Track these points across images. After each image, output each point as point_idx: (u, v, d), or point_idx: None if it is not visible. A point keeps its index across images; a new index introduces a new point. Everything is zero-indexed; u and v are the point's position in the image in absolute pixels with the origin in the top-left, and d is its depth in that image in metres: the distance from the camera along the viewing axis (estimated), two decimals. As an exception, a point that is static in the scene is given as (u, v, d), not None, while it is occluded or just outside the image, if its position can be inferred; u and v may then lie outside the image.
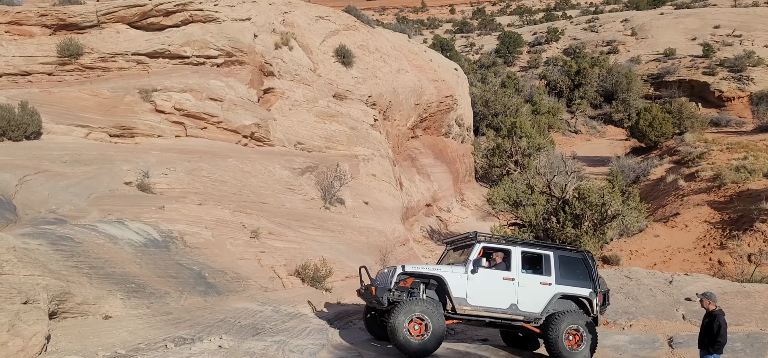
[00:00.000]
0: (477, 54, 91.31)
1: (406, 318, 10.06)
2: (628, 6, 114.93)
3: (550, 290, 10.97)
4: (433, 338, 10.15)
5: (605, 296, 11.41)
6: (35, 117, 17.73)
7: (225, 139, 21.37)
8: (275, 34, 26.19)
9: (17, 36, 21.49)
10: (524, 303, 10.85)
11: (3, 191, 13.03)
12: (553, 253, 11.24)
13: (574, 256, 11.43)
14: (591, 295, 11.02)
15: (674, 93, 60.80)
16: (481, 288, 10.76)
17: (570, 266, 11.21)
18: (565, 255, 11.36)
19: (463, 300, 10.69)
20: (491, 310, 10.82)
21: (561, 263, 11.13)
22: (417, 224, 29.99)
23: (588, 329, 10.71)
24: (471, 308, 10.74)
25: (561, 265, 11.11)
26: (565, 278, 11.08)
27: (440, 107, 37.56)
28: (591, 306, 11.04)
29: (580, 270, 11.22)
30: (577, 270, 11.21)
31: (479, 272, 10.79)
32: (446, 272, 10.85)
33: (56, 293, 8.83)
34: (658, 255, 27.26)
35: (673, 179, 36.71)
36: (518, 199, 27.31)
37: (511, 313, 10.84)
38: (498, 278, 10.95)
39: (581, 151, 52.44)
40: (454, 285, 10.72)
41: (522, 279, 10.96)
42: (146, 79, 21.50)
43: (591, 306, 11.04)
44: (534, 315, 10.88)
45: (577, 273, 11.19)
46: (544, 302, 10.91)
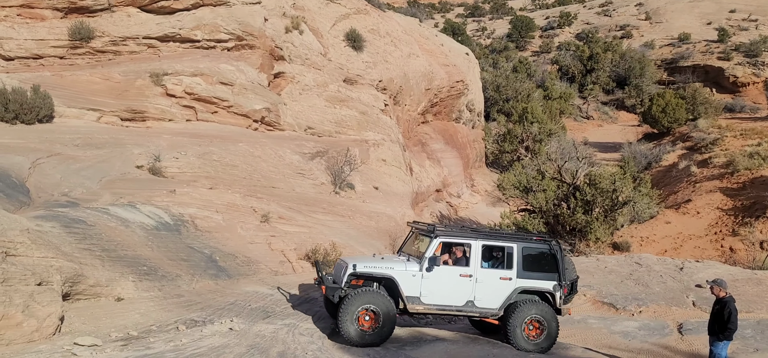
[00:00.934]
0: (488, 38, 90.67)
1: (354, 313, 9.84)
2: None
3: (510, 285, 10.65)
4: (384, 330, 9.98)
5: (572, 286, 11.10)
6: (47, 100, 17.86)
7: (235, 124, 21.43)
8: (286, 18, 26.14)
9: (29, 19, 21.59)
10: (481, 300, 10.57)
11: (16, 173, 13.16)
12: (516, 246, 10.80)
13: (539, 248, 10.97)
14: (555, 288, 10.71)
15: (688, 78, 60.10)
16: (436, 287, 10.42)
17: (535, 259, 10.83)
18: (530, 247, 10.91)
19: (416, 299, 10.36)
20: (445, 308, 10.55)
21: (525, 257, 10.75)
22: (427, 210, 29.99)
23: (548, 320, 10.53)
24: (424, 306, 10.44)
25: (525, 258, 10.75)
26: (529, 271, 10.74)
27: (451, 92, 37.40)
28: (554, 298, 10.75)
29: (545, 262, 10.83)
30: (542, 262, 10.83)
31: (434, 270, 10.42)
32: (398, 273, 10.40)
33: (69, 275, 8.94)
34: (669, 242, 27.12)
35: (686, 166, 36.41)
36: (529, 185, 27.20)
37: (467, 310, 10.61)
38: (454, 275, 10.59)
39: (593, 137, 52.11)
40: (407, 285, 10.38)
41: (480, 275, 10.61)
42: (157, 62, 21.56)
43: (554, 298, 10.75)
44: (491, 311, 10.63)
45: (542, 265, 10.81)
46: (504, 297, 10.62)
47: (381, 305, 10.01)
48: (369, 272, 10.46)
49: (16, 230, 8.54)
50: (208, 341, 8.69)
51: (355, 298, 9.99)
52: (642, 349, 11.27)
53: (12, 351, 7.26)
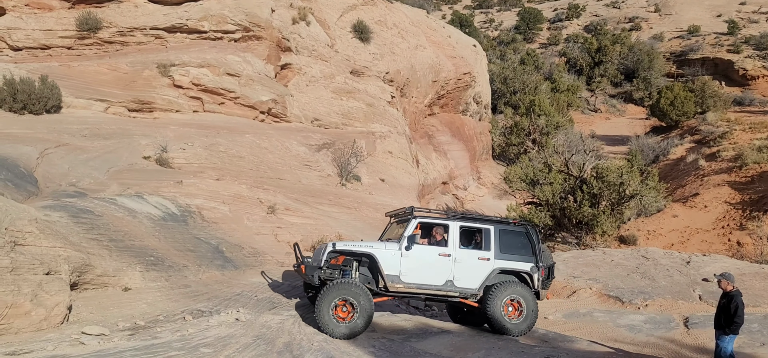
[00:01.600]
0: (496, 30, 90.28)
1: (330, 304, 9.81)
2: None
3: (488, 265, 10.73)
4: (361, 321, 9.90)
5: (549, 270, 11.14)
6: (55, 91, 17.94)
7: (242, 115, 21.46)
8: (292, 9, 26.10)
9: (37, 9, 21.65)
10: (461, 279, 10.63)
11: (25, 163, 13.24)
12: (493, 227, 10.92)
13: (516, 230, 11.09)
14: (532, 269, 10.80)
15: (697, 71, 59.69)
16: (415, 265, 10.47)
17: (511, 241, 10.91)
18: (507, 229, 11.01)
19: (395, 278, 10.41)
20: (425, 287, 10.55)
21: (502, 238, 10.84)
22: (433, 202, 29.98)
23: (528, 301, 10.57)
24: (404, 285, 10.46)
25: (501, 239, 10.83)
26: (506, 252, 10.81)
27: (458, 84, 37.30)
28: (532, 280, 10.82)
29: (522, 244, 10.92)
30: (519, 244, 10.91)
31: (414, 249, 10.49)
32: (378, 250, 10.52)
33: (77, 264, 9.00)
34: (676, 235, 27.03)
35: (694, 159, 36.22)
36: (535, 177, 27.14)
37: (446, 289, 10.63)
38: (433, 255, 10.65)
39: (600, 130, 51.88)
40: (386, 263, 10.42)
41: (459, 255, 10.69)
42: (164, 53, 21.60)
43: (532, 280, 10.82)
44: (471, 291, 10.69)
45: (519, 247, 10.90)
46: (482, 277, 10.70)
47: (358, 296, 9.95)
48: (349, 250, 10.57)
49: (24, 219, 8.60)
50: (214, 332, 8.74)
51: (333, 288, 9.97)
52: (648, 343, 11.25)
53: (20, 340, 7.33)
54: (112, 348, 7.46)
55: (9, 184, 11.62)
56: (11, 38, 20.81)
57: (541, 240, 11.16)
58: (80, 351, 7.25)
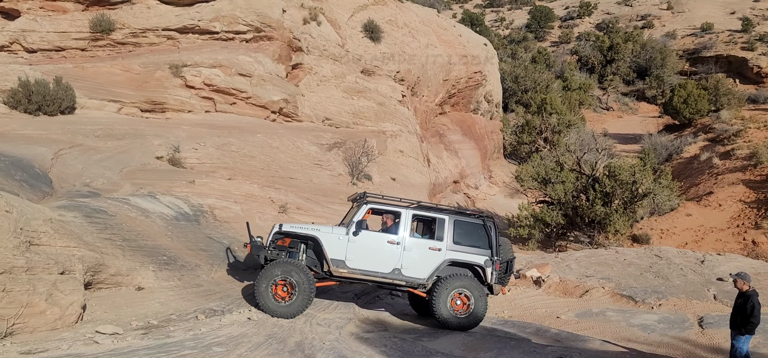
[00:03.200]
0: (507, 29, 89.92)
1: (268, 283, 9.82)
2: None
3: (439, 255, 10.53)
4: (299, 301, 9.87)
5: (507, 265, 10.92)
6: (69, 92, 18.11)
7: (253, 115, 21.54)
8: (303, 9, 26.14)
9: (51, 12, 21.86)
10: (409, 268, 10.45)
11: (39, 164, 13.37)
12: (448, 217, 10.69)
13: (472, 221, 10.81)
14: (486, 263, 10.56)
15: (711, 69, 59.07)
16: (362, 251, 10.35)
17: (467, 233, 10.67)
18: (462, 220, 10.77)
19: (340, 262, 10.31)
20: (371, 273, 10.42)
21: (456, 229, 10.62)
22: (444, 201, 29.93)
23: (476, 296, 10.36)
24: (348, 270, 10.36)
25: (456, 230, 10.61)
26: (460, 244, 10.60)
27: (469, 83, 37.20)
28: (485, 274, 10.60)
29: (478, 236, 10.67)
30: (474, 236, 10.66)
31: (361, 235, 10.39)
32: (324, 234, 10.41)
33: (91, 264, 9.07)
34: (689, 234, 26.80)
35: (708, 157, 35.89)
36: (547, 176, 27.03)
37: (392, 277, 10.47)
38: (382, 241, 10.52)
39: (612, 128, 51.53)
40: (332, 247, 10.32)
41: (409, 243, 10.52)
42: (176, 54, 21.72)
43: (485, 274, 10.60)
44: (418, 281, 10.50)
45: (475, 240, 10.65)
46: (432, 267, 10.50)
47: (298, 277, 9.89)
48: (294, 231, 10.52)
49: (39, 219, 8.68)
50: (226, 331, 8.78)
51: (273, 267, 9.95)
52: (661, 342, 11.16)
53: (36, 338, 7.40)
54: (125, 347, 7.52)
55: (24, 184, 11.74)
56: (26, 40, 21.03)
57: (498, 233, 10.91)
58: (94, 350, 7.31)
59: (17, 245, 7.68)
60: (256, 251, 10.42)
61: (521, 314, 13.21)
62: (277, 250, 10.49)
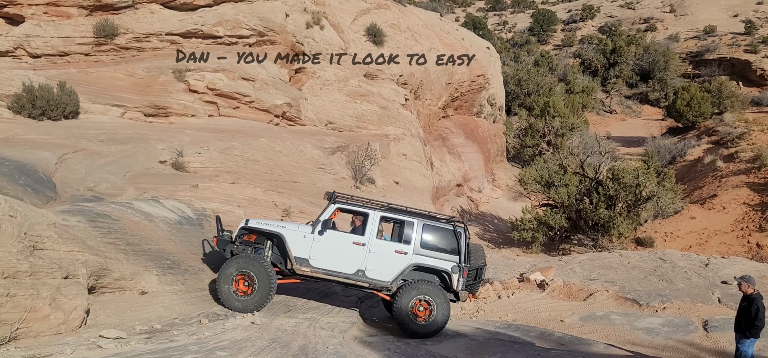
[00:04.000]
0: (510, 32, 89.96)
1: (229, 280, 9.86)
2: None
3: (405, 259, 10.36)
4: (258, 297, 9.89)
5: (477, 272, 10.72)
6: (73, 97, 18.16)
7: (257, 119, 21.57)
8: (306, 14, 26.20)
9: (55, 17, 21.94)
10: (373, 270, 10.30)
11: (43, 169, 13.40)
12: (416, 221, 10.49)
13: (441, 226, 10.59)
14: (453, 269, 10.33)
15: (714, 72, 58.99)
16: (327, 250, 10.28)
17: (435, 238, 10.48)
18: (431, 224, 10.57)
19: (304, 261, 10.26)
20: (334, 273, 10.32)
21: (425, 233, 10.43)
22: (448, 204, 29.90)
23: (439, 302, 10.15)
24: (311, 269, 10.29)
25: (424, 235, 10.43)
26: (428, 248, 10.41)
27: (472, 87, 37.21)
28: (451, 280, 10.38)
29: (447, 242, 10.45)
30: (443, 242, 10.45)
31: (327, 234, 10.32)
32: (289, 231, 10.38)
33: (95, 268, 9.08)
34: (694, 237, 26.72)
35: (711, 160, 35.79)
36: (550, 179, 27.00)
37: (356, 278, 10.34)
38: (347, 242, 10.42)
39: (616, 131, 51.46)
40: (296, 245, 10.28)
41: (374, 245, 10.37)
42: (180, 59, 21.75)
43: (451, 280, 10.38)
44: (382, 283, 10.35)
45: (444, 245, 10.44)
46: (397, 271, 10.34)
47: (258, 272, 9.88)
48: (259, 228, 10.49)
49: (43, 224, 8.70)
50: (230, 335, 8.77)
51: (234, 261, 9.97)
52: (666, 346, 11.12)
53: (39, 343, 7.40)
54: (129, 351, 7.52)
55: (28, 189, 11.76)
56: (30, 46, 21.10)
57: (469, 239, 10.73)
58: (98, 354, 7.31)
59: (21, 250, 7.69)
60: (221, 245, 10.44)
61: (525, 318, 13.18)
62: (244, 245, 10.49)
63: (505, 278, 16.35)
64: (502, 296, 15.05)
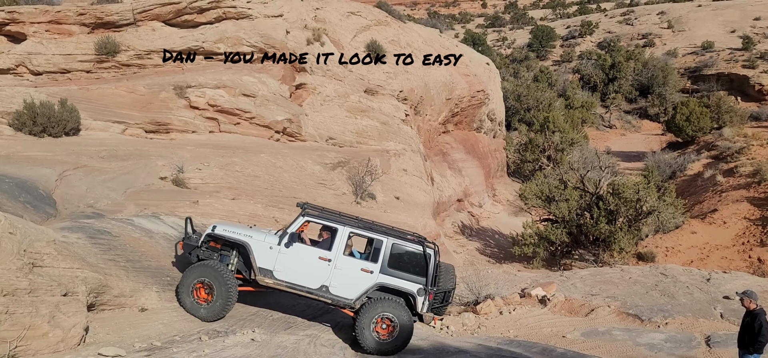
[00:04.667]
0: (509, 48, 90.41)
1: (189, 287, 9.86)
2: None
3: (370, 278, 10.17)
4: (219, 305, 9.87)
5: (445, 295, 10.47)
6: (74, 114, 18.21)
7: (257, 135, 21.61)
8: (307, 30, 26.34)
9: (57, 35, 22.06)
10: (337, 287, 10.16)
11: (44, 185, 13.40)
12: (386, 241, 10.27)
13: (411, 248, 10.32)
14: (419, 292, 10.11)
15: (712, 87, 59.21)
16: (292, 263, 10.17)
17: (404, 258, 10.26)
18: (401, 245, 10.29)
19: (268, 272, 10.17)
20: (297, 287, 10.22)
21: (393, 254, 10.22)
22: (448, 219, 29.87)
23: (403, 323, 9.96)
24: (274, 281, 10.18)
25: (393, 255, 10.21)
26: (395, 268, 10.20)
27: (472, 102, 37.31)
28: (415, 302, 10.14)
29: (415, 263, 10.22)
30: (412, 263, 10.22)
31: (294, 247, 10.22)
32: (255, 241, 10.25)
33: (94, 285, 9.04)
34: (695, 252, 26.65)
35: (711, 175, 35.80)
36: (551, 194, 26.99)
37: (319, 294, 10.22)
38: (313, 256, 10.25)
39: (616, 146, 51.54)
40: (261, 256, 10.16)
41: (340, 262, 10.20)
42: (181, 75, 21.86)
43: (415, 302, 10.14)
44: (346, 301, 10.21)
45: (412, 266, 10.21)
46: (361, 289, 10.17)
47: (218, 280, 9.82)
48: (225, 236, 10.37)
49: (43, 241, 8.68)
50: (230, 352, 8.72)
51: (195, 268, 9.93)
52: (669, 362, 11.06)
53: (39, 361, 7.35)
54: (128, 369, 7.47)
55: (28, 206, 11.75)
56: (32, 63, 21.20)
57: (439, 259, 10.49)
58: (97, 372, 7.26)
59: (20, 267, 7.67)
60: (188, 249, 10.39)
61: (527, 334, 13.11)
62: (210, 251, 10.44)
63: (507, 294, 16.28)
64: (503, 312, 14.98)
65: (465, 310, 15.49)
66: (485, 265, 24.42)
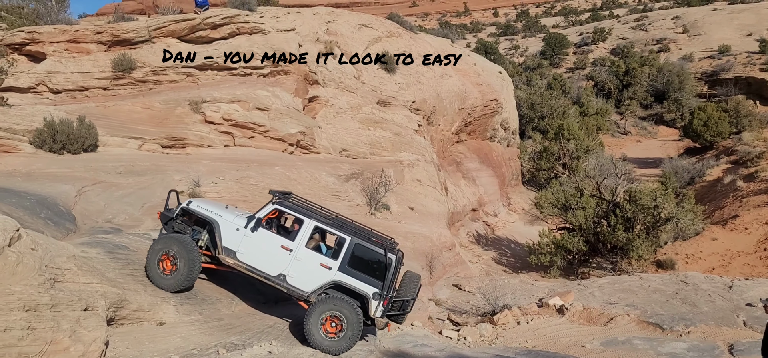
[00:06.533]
0: (522, 56, 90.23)
1: (156, 257, 10.20)
2: (678, 3, 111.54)
3: (327, 274, 10.25)
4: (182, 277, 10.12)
5: (403, 304, 10.37)
6: (92, 130, 18.44)
7: (272, 148, 21.72)
8: (319, 44, 26.51)
9: (75, 53, 22.42)
10: (294, 277, 10.32)
11: (63, 202, 13.56)
12: (349, 239, 10.30)
13: (373, 250, 10.28)
14: (374, 295, 10.07)
15: (730, 91, 58.56)
16: (255, 248, 10.37)
17: (364, 260, 10.23)
18: (364, 246, 10.29)
19: (231, 252, 10.40)
20: (256, 271, 10.41)
21: (355, 253, 10.24)
22: (463, 229, 29.75)
23: (352, 323, 9.90)
24: (235, 261, 10.42)
25: (354, 255, 10.23)
26: (354, 268, 10.20)
27: (485, 111, 37.24)
28: (368, 306, 10.13)
29: (375, 267, 10.20)
30: (372, 266, 10.20)
31: (259, 232, 10.41)
32: (223, 221, 10.53)
33: (113, 300, 9.12)
34: (716, 259, 26.26)
35: (731, 180, 35.32)
36: (567, 202, 26.79)
37: (276, 281, 10.41)
38: (275, 244, 10.42)
39: (631, 152, 51.08)
40: (227, 237, 10.42)
41: (301, 254, 10.35)
42: (196, 90, 22.07)
43: (368, 306, 10.13)
44: (300, 293, 10.33)
45: (371, 269, 10.20)
46: (317, 284, 10.25)
47: (182, 253, 10.09)
48: (195, 211, 10.73)
49: (63, 256, 8.77)
50: (248, 365, 8.73)
51: (161, 240, 10.24)
52: (691, 371, 10.87)
53: (59, 375, 7.41)
54: (148, 383, 7.50)
55: (49, 222, 11.90)
56: (51, 82, 21.55)
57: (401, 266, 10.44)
58: (117, 386, 7.30)
59: (42, 283, 7.75)
60: (164, 219, 10.79)
61: (545, 344, 12.98)
62: (185, 224, 10.80)
63: (524, 304, 16.15)
64: (521, 322, 14.85)
65: (482, 320, 15.39)
66: (501, 275, 24.26)
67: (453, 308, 17.20)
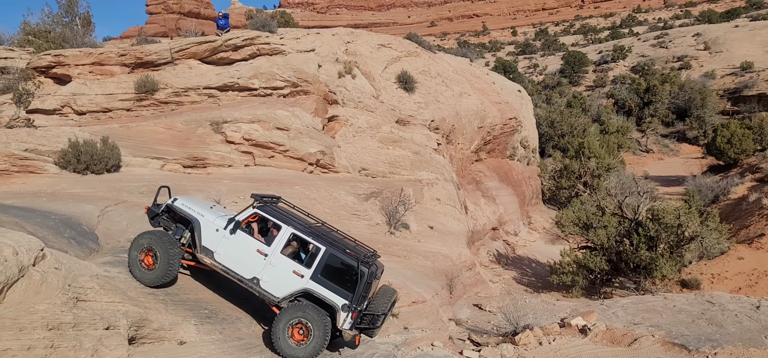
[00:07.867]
0: (541, 75, 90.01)
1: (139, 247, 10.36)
2: (699, 20, 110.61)
3: (299, 282, 10.27)
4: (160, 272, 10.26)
5: (373, 318, 10.23)
6: (115, 151, 18.74)
7: (291, 167, 21.85)
8: (338, 64, 26.73)
9: (99, 75, 22.88)
10: (267, 282, 10.37)
11: (87, 221, 13.74)
12: (324, 249, 10.30)
13: (347, 261, 10.20)
14: (344, 307, 10.02)
15: (754, 108, 57.74)
16: (232, 249, 10.49)
17: (337, 271, 10.21)
18: (337, 257, 10.25)
19: (210, 252, 10.56)
20: (231, 273, 10.54)
21: (329, 263, 10.22)
22: (483, 248, 29.53)
23: (319, 333, 9.85)
24: (212, 261, 10.59)
25: (327, 265, 10.21)
26: (327, 278, 10.18)
27: (504, 130, 37.12)
28: (336, 317, 10.09)
29: (347, 278, 10.15)
30: (344, 277, 10.17)
31: (238, 234, 10.52)
32: (204, 221, 10.68)
33: (135, 319, 9.18)
34: (742, 279, 25.67)
35: (757, 198, 34.62)
36: (588, 221, 26.46)
37: (249, 284, 10.48)
38: (252, 248, 10.50)
39: (653, 170, 50.44)
40: (207, 235, 10.58)
41: (275, 259, 10.39)
42: (217, 111, 22.33)
43: (336, 317, 10.09)
44: (272, 298, 10.37)
45: (343, 280, 10.16)
46: (289, 291, 10.28)
47: (163, 249, 10.22)
48: (178, 209, 10.91)
49: (86, 276, 8.87)
50: (267, 385, 8.70)
51: (143, 235, 10.37)
52: (719, 394, 10.59)
53: (82, 394, 7.45)
54: (168, 402, 7.50)
55: (72, 241, 12.06)
56: (76, 104, 21.98)
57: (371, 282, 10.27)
58: (138, 405, 7.32)
59: (65, 302, 7.84)
60: (151, 215, 11.05)
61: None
62: (170, 220, 11.03)
63: (546, 323, 15.91)
64: (543, 342, 14.62)
65: (503, 341, 15.19)
66: (523, 294, 23.98)
67: (474, 328, 17.02)
